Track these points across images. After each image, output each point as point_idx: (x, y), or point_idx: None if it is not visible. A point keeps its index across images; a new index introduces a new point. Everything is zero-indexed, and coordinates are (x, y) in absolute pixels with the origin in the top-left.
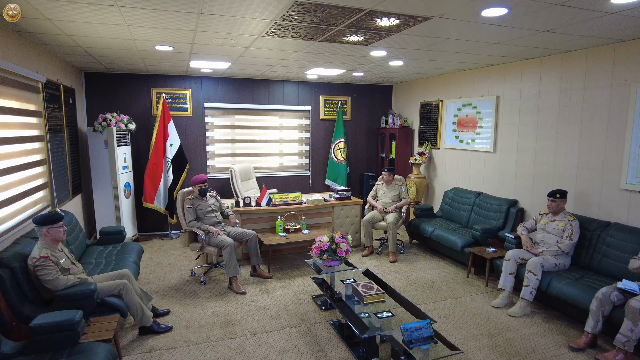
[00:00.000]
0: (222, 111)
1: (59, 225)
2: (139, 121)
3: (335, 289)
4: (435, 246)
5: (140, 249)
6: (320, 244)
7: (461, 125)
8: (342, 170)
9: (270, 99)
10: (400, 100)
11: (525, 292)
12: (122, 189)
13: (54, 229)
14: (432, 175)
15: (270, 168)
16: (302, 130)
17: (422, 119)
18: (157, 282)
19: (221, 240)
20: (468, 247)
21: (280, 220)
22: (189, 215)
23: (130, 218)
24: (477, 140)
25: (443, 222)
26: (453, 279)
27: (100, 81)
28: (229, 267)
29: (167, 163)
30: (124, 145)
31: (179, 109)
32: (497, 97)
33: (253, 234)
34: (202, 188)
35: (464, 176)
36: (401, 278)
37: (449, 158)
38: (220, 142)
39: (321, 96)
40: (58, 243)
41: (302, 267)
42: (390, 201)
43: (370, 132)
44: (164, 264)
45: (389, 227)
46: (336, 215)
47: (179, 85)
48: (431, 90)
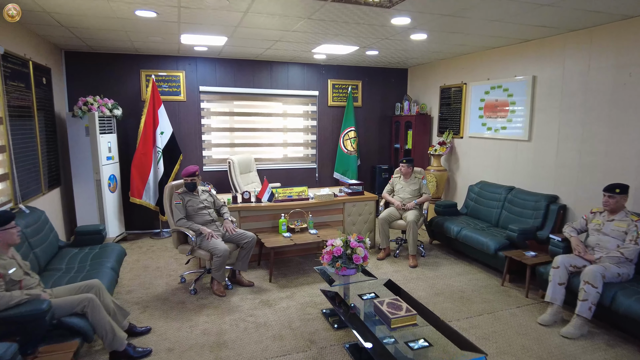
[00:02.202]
0: (219, 96)
1: (10, 226)
2: (127, 106)
3: (349, 302)
4: (462, 248)
5: (121, 252)
6: (333, 249)
7: (489, 110)
8: (353, 162)
9: (273, 83)
10: (417, 85)
11: (582, 308)
12: (106, 182)
13: (4, 231)
14: (453, 167)
15: (273, 160)
16: (308, 117)
17: (442, 104)
18: (141, 290)
19: (215, 246)
20: (503, 251)
21: (283, 218)
22: (178, 212)
23: (117, 215)
24: (508, 128)
25: (469, 221)
26: (485, 287)
27: (82, 61)
28: (215, 272)
29: (157, 153)
30: (109, 133)
31: (171, 93)
32: (533, 77)
33: (252, 238)
34: (189, 182)
35: (492, 168)
36: (425, 287)
37: (473, 148)
38: (217, 131)
39: (329, 80)
40: (9, 248)
41: (308, 272)
42: (409, 197)
43: (383, 120)
44: (151, 268)
45: (408, 226)
46: (347, 213)
47: (172, 67)
48: (453, 72)
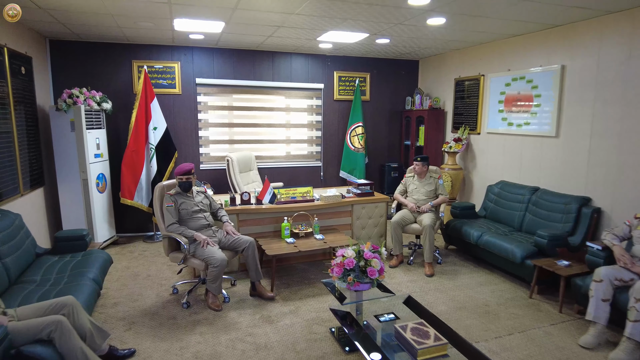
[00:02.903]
0: (217, 89)
1: None
2: (118, 100)
3: (362, 321)
4: (482, 254)
5: (106, 260)
6: (344, 261)
7: (510, 104)
8: (360, 160)
9: (275, 75)
10: (429, 78)
11: (633, 330)
12: (94, 181)
13: None
14: (469, 166)
15: (275, 157)
16: (312, 112)
17: (457, 98)
18: (128, 303)
19: (210, 255)
20: (531, 259)
21: (286, 222)
22: (169, 216)
23: (106, 217)
24: (532, 123)
25: (489, 224)
26: (511, 300)
27: (69, 51)
28: (210, 283)
29: (149, 150)
30: (97, 129)
31: (165, 85)
32: (561, 67)
33: (249, 242)
34: (184, 181)
35: (513, 167)
36: (445, 299)
37: (492, 145)
38: (215, 126)
39: (335, 72)
40: None
41: (314, 282)
42: (424, 198)
43: (392, 116)
44: (141, 276)
45: (425, 230)
46: (356, 216)
47: (166, 57)
48: (469, 63)
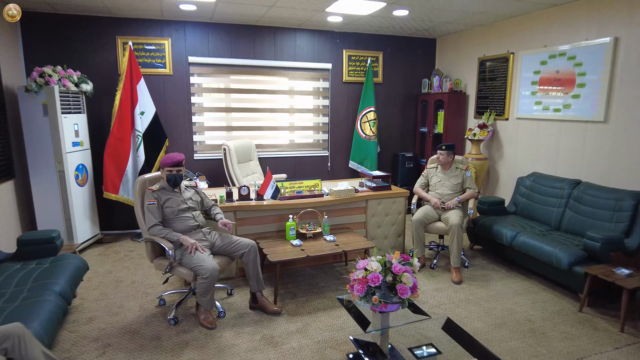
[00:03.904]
0: (212, 69)
1: None
2: (101, 81)
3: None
4: (514, 257)
5: (79, 268)
6: (367, 276)
7: (546, 85)
8: (372, 149)
9: (277, 54)
10: (449, 57)
11: None
12: (72, 173)
13: None
14: (495, 155)
15: (277, 146)
16: (319, 96)
17: (481, 80)
18: (106, 317)
19: (199, 263)
20: (581, 266)
21: (292, 220)
22: (151, 216)
23: (88, 213)
24: (573, 106)
25: (522, 222)
26: (558, 314)
27: (44, 25)
28: (200, 297)
29: (136, 138)
30: (77, 113)
31: (154, 65)
32: (614, 39)
33: (250, 246)
34: (174, 174)
35: (548, 157)
36: (480, 313)
37: (523, 132)
38: (211, 111)
39: (345, 50)
40: None
41: (324, 290)
42: (449, 192)
43: (407, 100)
44: (124, 283)
45: (451, 230)
46: (371, 213)
47: (155, 33)
48: (496, 40)
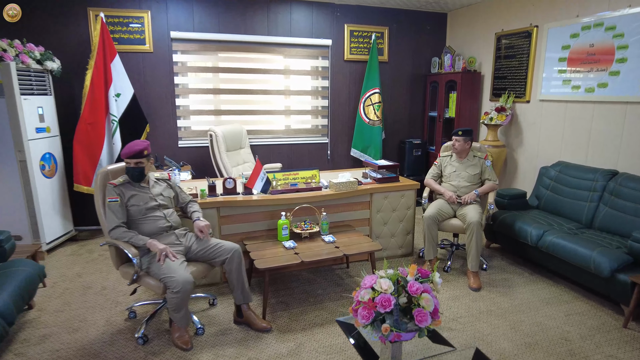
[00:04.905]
0: (198, 45)
1: None
2: (71, 59)
3: None
4: (541, 258)
5: (32, 276)
6: (375, 298)
7: (577, 61)
8: (376, 136)
9: (271, 29)
10: (461, 33)
11: None
12: (36, 163)
13: None
14: (514, 142)
15: (272, 132)
16: (317, 76)
17: (498, 58)
18: (64, 334)
19: (168, 274)
20: (626, 273)
21: (284, 218)
22: (112, 216)
23: (58, 208)
24: (611, 84)
25: (548, 219)
26: (599, 330)
27: None
28: (173, 312)
29: (111, 123)
30: (41, 95)
31: (132, 41)
32: None
33: (233, 251)
34: (132, 167)
35: (578, 144)
36: (505, 328)
37: (547, 115)
38: (197, 93)
39: (346, 25)
40: None
41: (322, 300)
42: (466, 185)
43: (415, 81)
44: (93, 290)
45: (469, 229)
46: (376, 208)
47: (132, 5)
48: (517, 12)
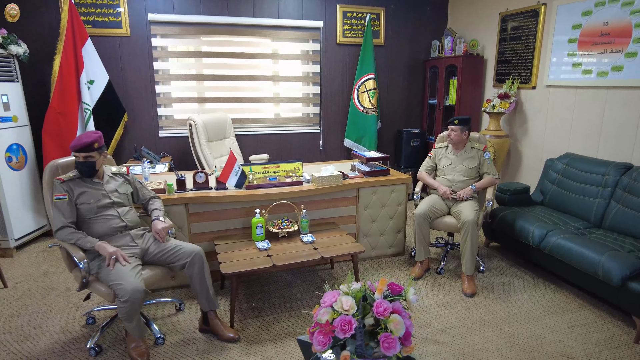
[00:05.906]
0: (179, 28)
1: None
2: (39, 43)
3: None
4: (544, 261)
5: None
6: (334, 320)
7: (589, 43)
8: (371, 125)
9: (257, 10)
10: (463, 14)
11: None
12: (2, 154)
13: None
14: (517, 132)
15: (259, 121)
16: (308, 60)
17: (502, 40)
18: (11, 344)
19: (117, 281)
20: (638, 281)
21: (259, 216)
22: (60, 215)
23: (28, 202)
24: (627, 67)
25: (553, 217)
26: (606, 346)
27: None
28: (126, 321)
29: (84, 112)
30: (6, 81)
31: (107, 24)
32: None
33: (194, 255)
34: (81, 162)
35: (589, 134)
36: (499, 342)
37: (555, 102)
38: (178, 79)
39: (339, 6)
40: None
41: (300, 305)
42: (462, 179)
43: (413, 66)
44: (57, 291)
45: (464, 228)
46: (363, 204)
47: None
48: None
